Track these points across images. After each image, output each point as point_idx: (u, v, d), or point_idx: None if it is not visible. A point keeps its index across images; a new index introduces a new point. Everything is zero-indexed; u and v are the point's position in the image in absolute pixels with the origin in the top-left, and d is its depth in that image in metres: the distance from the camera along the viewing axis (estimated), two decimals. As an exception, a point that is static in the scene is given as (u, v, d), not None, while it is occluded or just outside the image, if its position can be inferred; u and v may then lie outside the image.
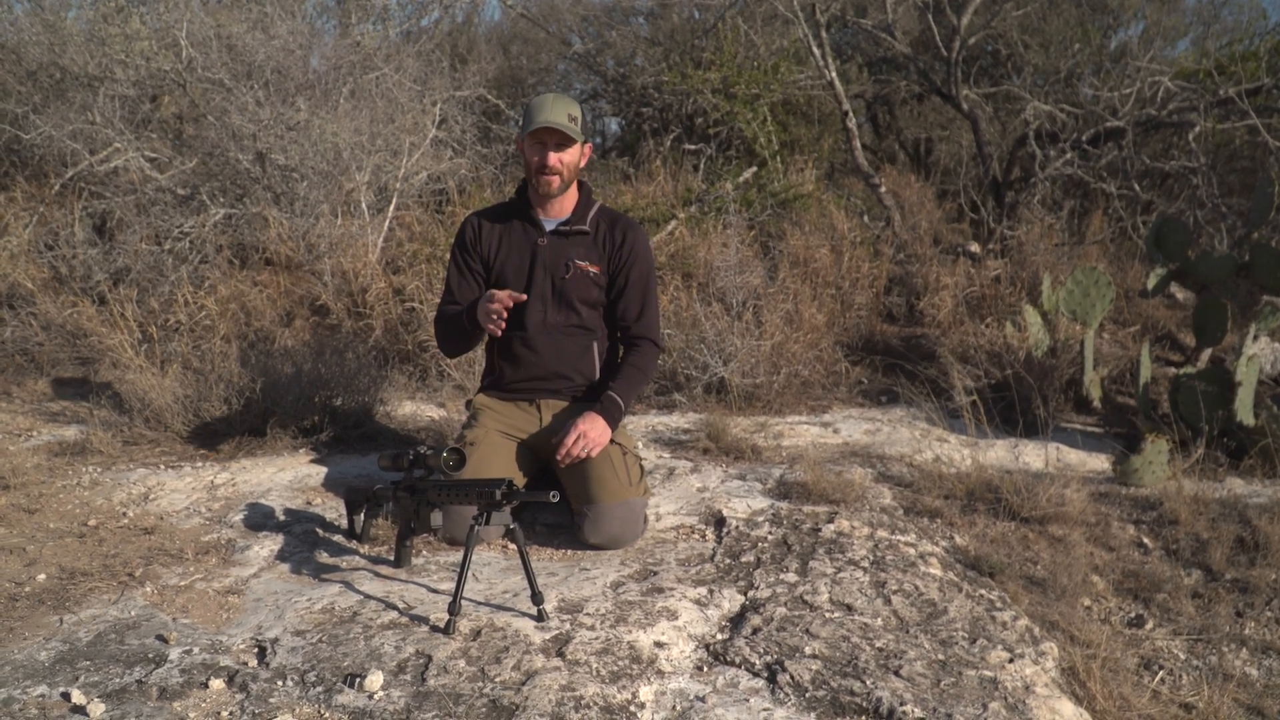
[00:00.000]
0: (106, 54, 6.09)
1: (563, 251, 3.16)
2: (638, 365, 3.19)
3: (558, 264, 3.15)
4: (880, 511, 3.29)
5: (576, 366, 3.20)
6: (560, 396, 3.22)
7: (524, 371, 3.20)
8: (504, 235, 3.21)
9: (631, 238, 3.19)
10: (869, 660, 2.31)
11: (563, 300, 3.16)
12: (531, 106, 3.05)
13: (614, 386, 3.10)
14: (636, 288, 3.20)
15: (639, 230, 3.24)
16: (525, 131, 3.03)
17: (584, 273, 3.16)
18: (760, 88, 7.42)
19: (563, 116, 3.00)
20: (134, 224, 5.61)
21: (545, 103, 3.03)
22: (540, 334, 3.16)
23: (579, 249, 3.17)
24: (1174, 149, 7.13)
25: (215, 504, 3.30)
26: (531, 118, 3.02)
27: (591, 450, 2.96)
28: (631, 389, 3.14)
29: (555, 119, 2.99)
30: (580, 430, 2.96)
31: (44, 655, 2.32)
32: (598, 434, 2.98)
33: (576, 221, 3.18)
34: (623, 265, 3.18)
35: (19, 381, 4.73)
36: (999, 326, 5.08)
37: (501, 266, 3.19)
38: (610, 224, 3.21)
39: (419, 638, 2.37)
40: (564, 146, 3.05)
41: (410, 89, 6.42)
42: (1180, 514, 3.39)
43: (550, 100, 3.05)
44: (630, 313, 3.21)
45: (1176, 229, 4.87)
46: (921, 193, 7.48)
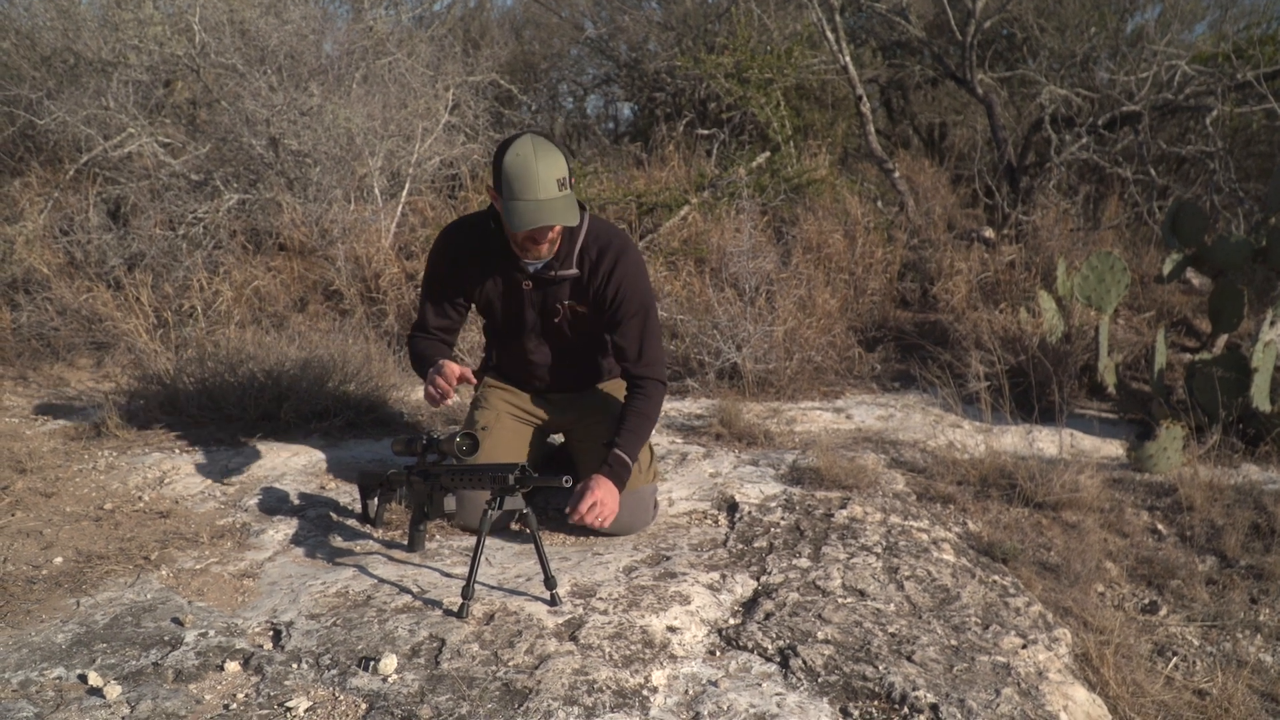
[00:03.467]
0: (120, 39, 6.10)
1: (551, 295, 2.91)
2: (642, 412, 2.89)
3: (547, 306, 2.93)
4: (893, 497, 3.29)
5: (583, 383, 3.15)
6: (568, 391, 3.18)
7: (527, 377, 3.13)
8: (485, 273, 2.92)
9: (620, 272, 2.85)
10: (881, 645, 2.31)
11: (557, 337, 3.01)
12: (511, 174, 2.58)
13: (620, 444, 2.81)
14: (633, 325, 2.90)
15: (629, 258, 2.87)
16: (516, 223, 2.60)
17: (574, 312, 2.94)
18: (774, 72, 7.38)
19: (553, 188, 2.60)
20: (148, 209, 5.63)
21: (529, 173, 2.57)
22: (541, 360, 3.06)
23: (566, 290, 2.90)
24: (1191, 133, 7.07)
25: (230, 488, 3.32)
26: (516, 193, 2.58)
27: (605, 520, 2.70)
28: (638, 441, 2.85)
29: (547, 198, 2.59)
30: (596, 499, 2.68)
31: (61, 638, 2.33)
32: (611, 499, 2.72)
33: (562, 265, 2.85)
34: (612, 302, 2.88)
35: (35, 366, 4.76)
36: (1013, 312, 5.06)
37: (486, 304, 2.99)
38: (598, 255, 2.85)
39: (433, 621, 2.38)
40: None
41: (423, 74, 6.42)
42: (1195, 500, 3.37)
43: (536, 168, 2.57)
44: (630, 352, 2.92)
45: (1193, 214, 4.83)
46: (936, 178, 7.45)
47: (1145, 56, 6.99)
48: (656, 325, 2.96)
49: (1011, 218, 6.44)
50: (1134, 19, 8.24)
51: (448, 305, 3.00)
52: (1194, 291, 5.78)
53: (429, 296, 3.01)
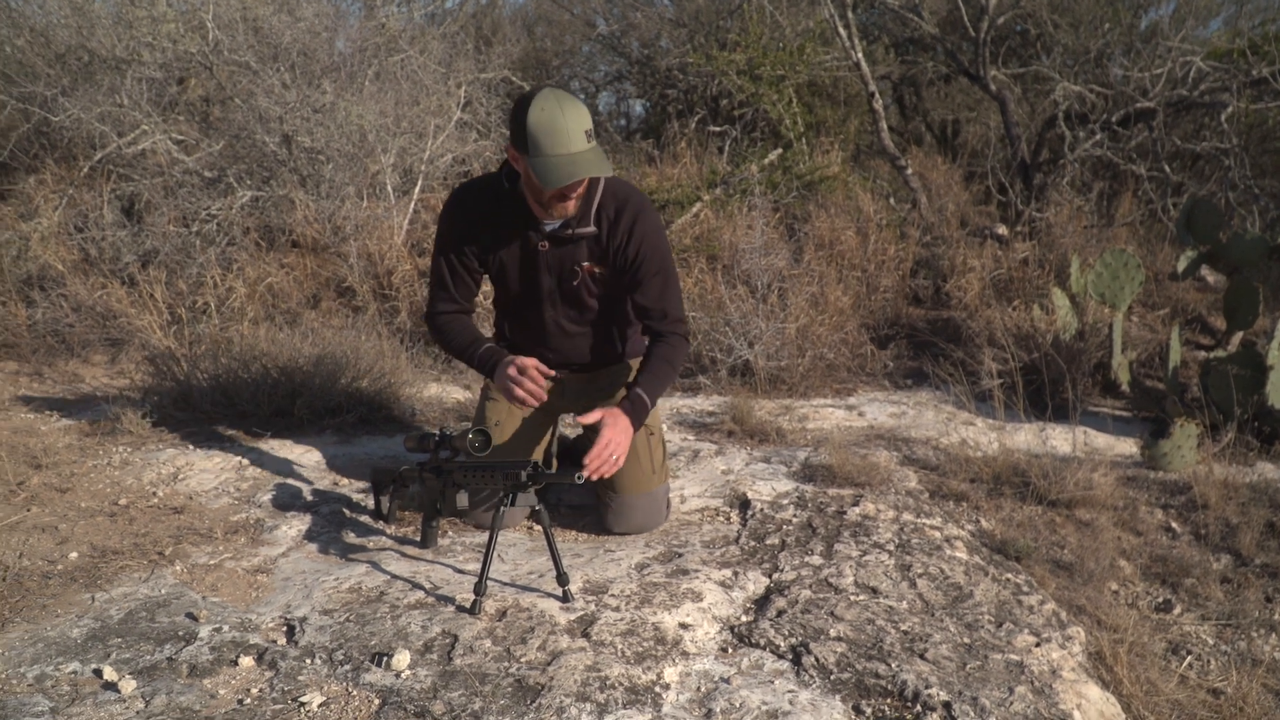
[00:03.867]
0: (134, 36, 6.12)
1: (567, 255, 2.80)
2: (666, 358, 2.83)
3: (563, 269, 2.82)
4: (906, 495, 3.28)
5: (598, 354, 3.03)
6: (584, 371, 3.07)
7: (542, 354, 2.94)
8: (497, 236, 2.81)
9: (639, 230, 2.78)
10: (894, 643, 2.31)
11: (573, 302, 2.89)
12: (538, 130, 2.48)
13: (641, 383, 2.75)
14: (655, 283, 2.83)
15: (647, 216, 2.81)
16: (551, 179, 2.50)
17: (592, 274, 2.84)
18: (786, 69, 7.37)
19: (582, 141, 2.51)
20: (162, 206, 5.65)
21: (558, 127, 2.48)
22: (557, 334, 2.94)
23: (583, 251, 2.81)
24: (1205, 130, 7.03)
25: (244, 484, 3.33)
26: (545, 148, 2.49)
27: (620, 459, 2.59)
28: (660, 385, 2.80)
29: (578, 151, 2.51)
30: (607, 440, 2.57)
31: (76, 632, 2.34)
32: (625, 439, 2.61)
33: (580, 221, 2.76)
34: (633, 262, 2.80)
35: (50, 362, 4.78)
36: (1026, 309, 5.04)
37: (499, 269, 2.86)
38: (615, 215, 2.78)
39: (445, 618, 2.38)
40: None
41: (435, 71, 6.43)
42: (1210, 498, 3.36)
43: (564, 121, 2.49)
44: (654, 311, 2.85)
45: (1208, 211, 4.81)
46: (948, 174, 7.42)
47: (1160, 53, 6.96)
48: (677, 282, 2.91)
49: (1025, 215, 6.41)
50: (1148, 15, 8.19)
51: (464, 274, 2.88)
52: (1209, 289, 5.76)
53: (444, 267, 2.88)
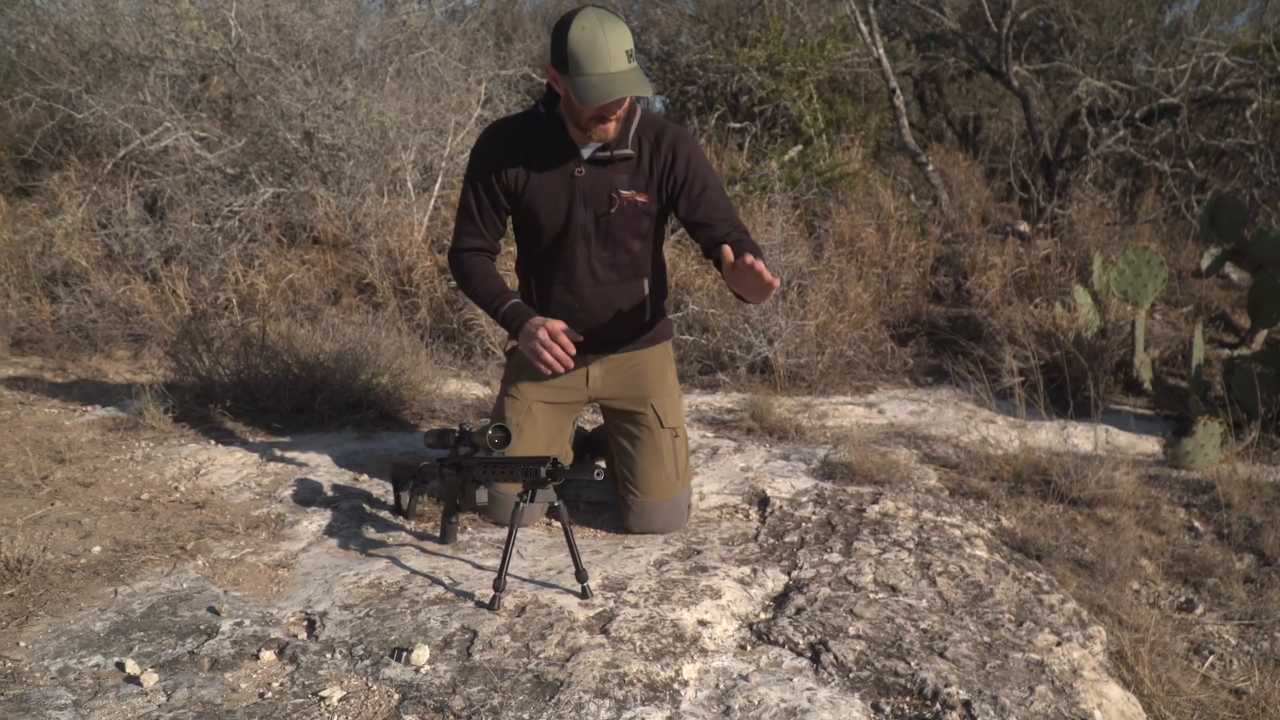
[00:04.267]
0: (157, 34, 6.16)
1: (604, 181, 2.71)
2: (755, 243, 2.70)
3: (600, 197, 2.72)
4: (925, 493, 3.27)
5: (627, 315, 2.90)
6: (609, 351, 2.95)
7: (570, 322, 2.78)
8: (532, 162, 2.73)
9: (684, 151, 2.73)
10: (914, 641, 2.30)
11: (609, 237, 2.78)
12: (579, 48, 2.46)
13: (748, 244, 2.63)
14: (711, 194, 2.75)
15: (688, 139, 2.77)
16: (591, 98, 2.48)
17: (631, 204, 2.74)
18: (806, 65, 7.35)
19: (623, 61, 2.48)
20: (184, 203, 5.68)
21: (599, 45, 2.46)
22: (587, 281, 2.82)
23: (623, 176, 2.72)
24: (1230, 126, 6.97)
25: (265, 479, 3.35)
26: (585, 67, 2.47)
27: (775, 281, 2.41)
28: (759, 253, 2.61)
29: (619, 71, 2.47)
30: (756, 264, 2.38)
31: (99, 626, 2.36)
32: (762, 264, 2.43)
33: (618, 144, 2.69)
34: (685, 182, 2.74)
35: (74, 357, 4.82)
36: (1048, 307, 5.02)
37: (531, 200, 2.75)
38: (655, 140, 2.73)
39: (465, 613, 2.39)
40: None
41: (455, 68, 6.44)
42: (1233, 497, 3.33)
43: (605, 40, 2.46)
44: (719, 222, 2.74)
45: (1232, 208, 4.77)
46: (970, 171, 7.39)
47: (1184, 48, 6.90)
48: (725, 192, 2.79)
49: (1047, 211, 6.38)
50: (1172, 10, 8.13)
51: (493, 208, 2.80)
52: (1233, 286, 5.71)
53: (473, 199, 2.80)
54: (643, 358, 2.99)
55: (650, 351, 3.00)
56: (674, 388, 3.02)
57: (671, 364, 3.06)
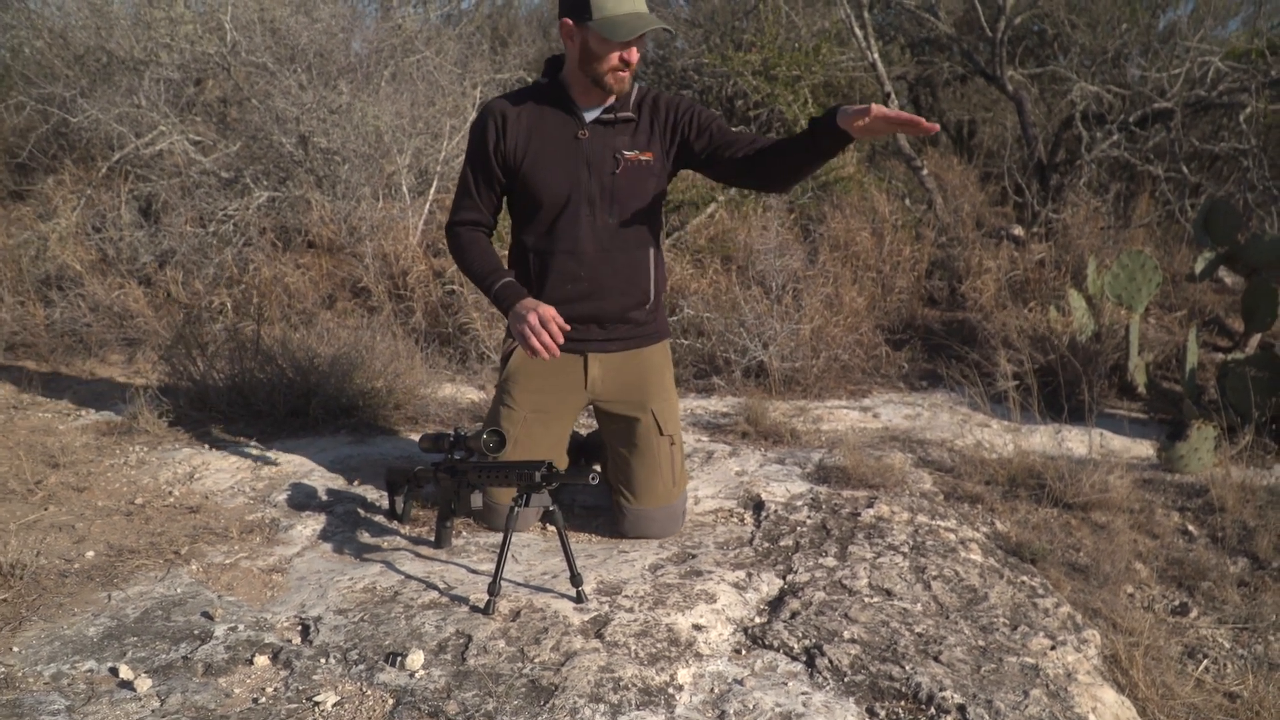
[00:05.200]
0: (152, 38, 6.16)
1: (608, 143, 2.74)
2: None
3: (604, 159, 2.73)
4: (920, 497, 3.27)
5: (631, 287, 2.85)
6: (611, 341, 2.88)
7: (571, 294, 2.79)
8: (535, 128, 2.75)
9: (683, 103, 2.80)
10: (908, 645, 2.30)
11: (614, 201, 2.76)
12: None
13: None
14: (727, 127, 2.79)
15: (679, 95, 2.88)
16: (617, 34, 2.52)
17: (635, 164, 2.75)
18: (801, 69, 7.35)
19: (642, 3, 2.56)
20: (179, 206, 5.68)
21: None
22: (591, 248, 2.78)
23: (625, 138, 2.75)
24: (1224, 130, 6.99)
25: (259, 483, 3.34)
26: (606, 6, 2.53)
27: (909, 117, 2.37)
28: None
29: (642, 9, 2.56)
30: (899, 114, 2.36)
31: (93, 631, 2.36)
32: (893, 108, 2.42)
33: (621, 107, 2.75)
34: (691, 124, 2.78)
35: (68, 362, 4.81)
36: (1043, 311, 5.02)
37: (533, 166, 2.75)
38: (654, 102, 2.80)
39: (459, 618, 2.39)
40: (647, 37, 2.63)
41: (451, 72, 6.44)
42: (1227, 501, 3.34)
43: None
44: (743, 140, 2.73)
45: (1226, 212, 4.78)
46: (964, 175, 7.40)
47: (1178, 53, 6.92)
48: None
49: (1041, 215, 6.39)
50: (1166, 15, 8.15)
51: (488, 185, 2.82)
52: (1226, 290, 5.72)
53: (471, 173, 2.83)
54: (643, 357, 2.95)
55: (650, 351, 2.97)
56: (672, 392, 3.01)
57: (670, 367, 3.04)
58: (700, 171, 2.87)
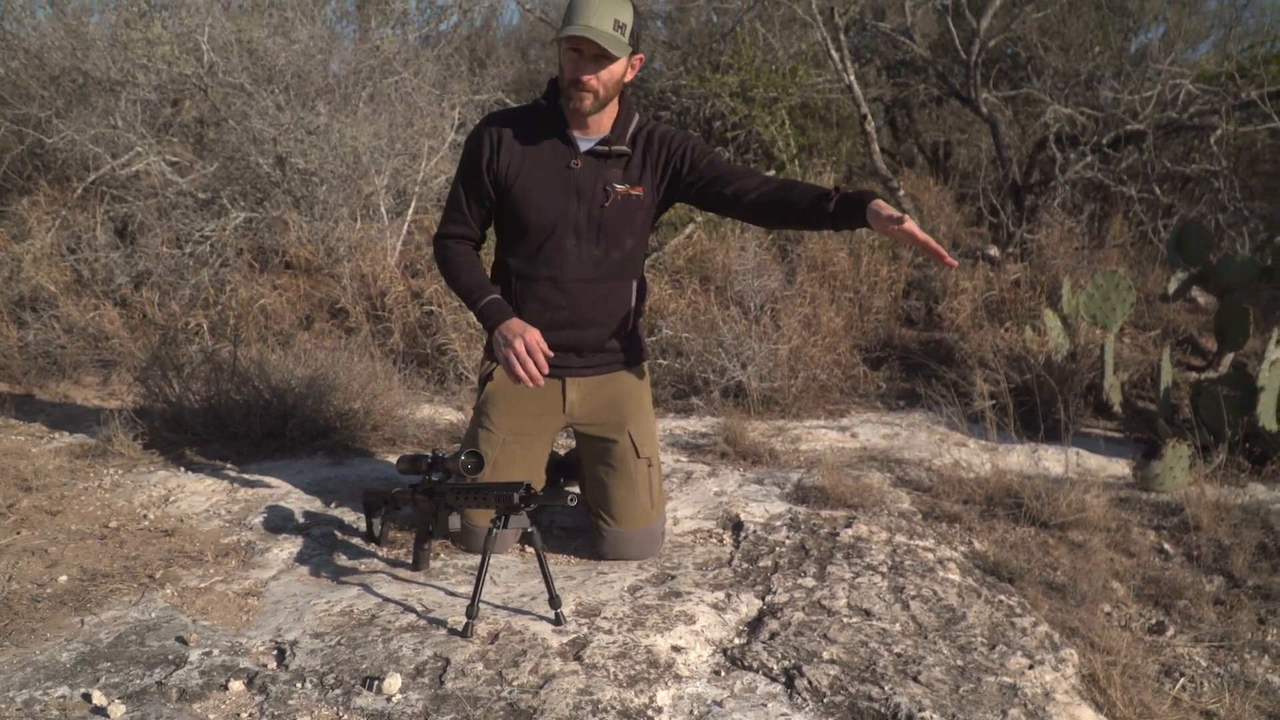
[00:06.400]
0: (128, 58, 6.14)
1: (600, 175, 2.72)
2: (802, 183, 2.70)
3: (594, 190, 2.72)
4: (899, 516, 3.28)
5: (611, 319, 2.86)
6: (589, 367, 2.90)
7: (551, 322, 2.77)
8: (528, 152, 2.74)
9: (679, 139, 2.77)
10: (887, 666, 2.30)
11: (601, 232, 2.75)
12: (574, 3, 2.55)
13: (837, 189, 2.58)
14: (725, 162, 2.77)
15: (679, 131, 2.81)
16: (560, 34, 2.54)
17: (625, 198, 2.74)
18: (778, 91, 7.41)
19: (606, 23, 2.51)
20: (155, 227, 5.65)
21: (590, 3, 2.52)
22: (576, 278, 2.77)
23: (618, 171, 2.73)
24: (1195, 152, 7.08)
25: (235, 506, 3.32)
26: (570, 18, 2.53)
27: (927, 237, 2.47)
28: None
29: (596, 25, 2.50)
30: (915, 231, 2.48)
31: (65, 656, 2.33)
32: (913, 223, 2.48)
33: (616, 140, 2.72)
34: (688, 160, 2.75)
35: (41, 384, 4.77)
36: (1018, 331, 5.06)
37: (523, 190, 2.73)
38: (649, 136, 2.77)
39: (437, 641, 2.38)
40: (605, 62, 2.57)
41: (429, 93, 6.45)
42: (1202, 520, 3.36)
43: (595, 5, 2.52)
44: (747, 180, 2.71)
45: (1198, 233, 4.84)
46: (940, 196, 7.46)
47: (1149, 75, 7.01)
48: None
49: (1016, 236, 6.44)
50: (1138, 38, 8.27)
51: (479, 200, 2.81)
52: (1199, 310, 5.78)
53: (463, 187, 2.81)
54: (621, 380, 2.96)
55: (628, 374, 2.98)
56: (649, 414, 3.01)
57: (648, 389, 3.06)
58: (691, 203, 2.87)
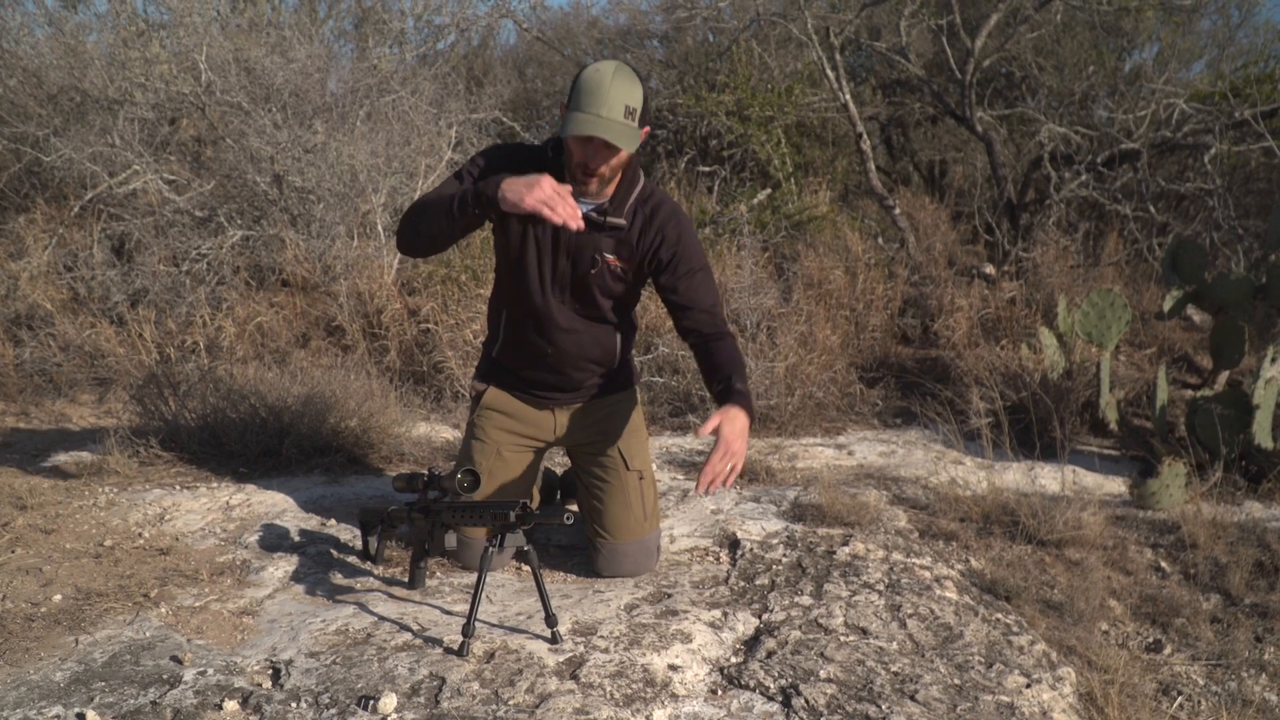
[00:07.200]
0: (126, 77, 6.16)
1: (593, 241, 2.70)
2: (738, 357, 2.71)
3: (584, 256, 2.72)
4: (895, 534, 3.28)
5: (596, 356, 2.88)
6: (577, 397, 2.95)
7: (537, 363, 2.86)
8: None
9: (674, 232, 2.71)
10: (884, 685, 2.30)
11: (583, 293, 2.77)
12: (583, 86, 2.49)
13: (736, 378, 2.61)
14: (698, 280, 2.74)
15: (680, 218, 2.76)
16: (569, 128, 2.48)
17: (612, 268, 2.75)
18: (774, 110, 7.45)
19: (618, 111, 2.47)
20: (152, 245, 5.66)
21: (601, 89, 2.47)
22: (560, 327, 2.81)
23: (610, 241, 2.72)
24: (1189, 171, 7.12)
25: (230, 525, 3.31)
26: (580, 104, 2.48)
27: (739, 467, 2.47)
28: (744, 377, 2.66)
29: (608, 117, 2.46)
30: (726, 446, 2.46)
31: (59, 676, 2.32)
32: (743, 443, 2.48)
33: (614, 211, 2.69)
34: (670, 262, 2.72)
35: (37, 402, 4.76)
36: (1014, 349, 5.07)
37: (518, 238, 2.72)
38: (650, 214, 2.72)
39: (433, 660, 2.37)
40: (615, 150, 2.55)
41: (426, 112, 6.47)
42: (1198, 538, 3.36)
43: (608, 87, 2.47)
44: (699, 306, 2.72)
45: (1193, 251, 4.85)
46: (936, 214, 7.49)
47: (1143, 95, 7.06)
48: (714, 280, 2.81)
49: (1012, 254, 6.47)
50: (1132, 58, 8.32)
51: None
52: (1195, 328, 5.80)
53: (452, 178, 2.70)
54: (609, 403, 3.00)
55: (616, 396, 3.02)
56: (640, 430, 3.02)
57: (638, 407, 3.07)
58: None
